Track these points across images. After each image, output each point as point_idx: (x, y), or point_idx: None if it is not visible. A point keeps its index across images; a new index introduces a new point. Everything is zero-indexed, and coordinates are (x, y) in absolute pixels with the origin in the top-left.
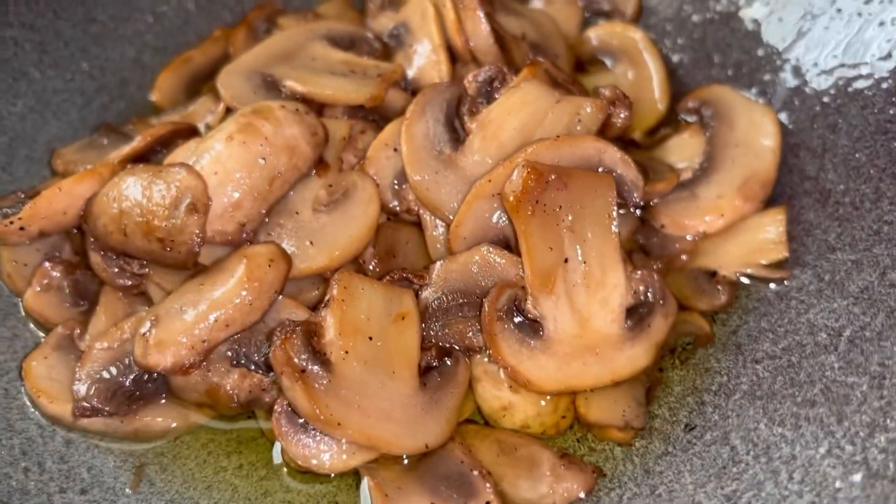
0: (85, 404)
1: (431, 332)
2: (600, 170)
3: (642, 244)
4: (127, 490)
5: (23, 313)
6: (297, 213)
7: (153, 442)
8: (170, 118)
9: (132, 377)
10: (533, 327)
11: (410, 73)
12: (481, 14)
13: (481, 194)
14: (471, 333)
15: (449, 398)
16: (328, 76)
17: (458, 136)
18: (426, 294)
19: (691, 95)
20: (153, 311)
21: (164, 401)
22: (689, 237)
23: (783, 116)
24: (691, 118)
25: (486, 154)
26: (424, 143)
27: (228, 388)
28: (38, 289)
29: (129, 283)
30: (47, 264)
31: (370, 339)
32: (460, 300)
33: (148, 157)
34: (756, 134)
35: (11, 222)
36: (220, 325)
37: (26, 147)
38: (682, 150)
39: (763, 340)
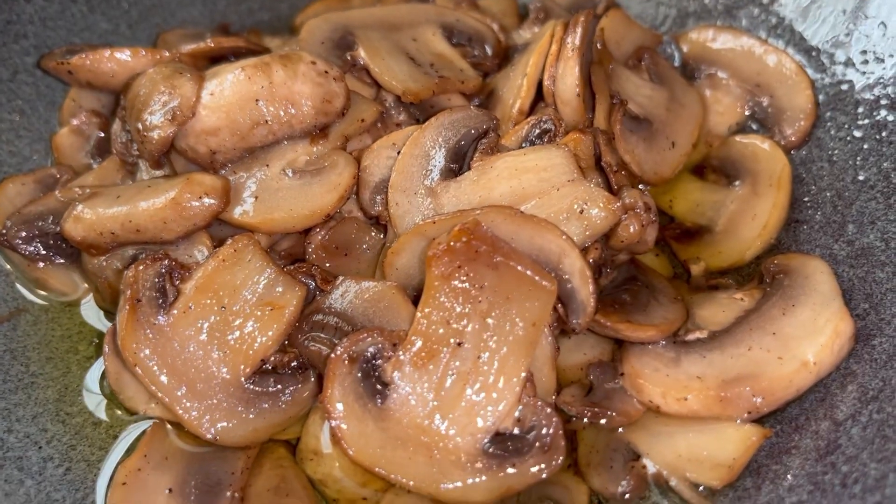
0: (5, 235)
1: (298, 340)
2: (553, 273)
3: (591, 377)
4: None
5: None
6: (267, 165)
7: (47, 295)
8: (271, 41)
9: (53, 234)
10: (378, 391)
11: (498, 92)
12: (575, 62)
13: (421, 232)
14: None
15: (272, 410)
16: (402, 61)
17: (456, 169)
18: (317, 303)
19: (781, 256)
20: (98, 188)
21: (69, 269)
22: (638, 403)
23: None
24: (765, 281)
25: (468, 199)
26: (421, 163)
27: (119, 286)
28: (70, 129)
29: (129, 159)
30: (87, 113)
31: (222, 307)
32: (342, 325)
33: (218, 61)
34: (804, 336)
35: (62, 63)
36: (132, 227)
37: (159, 17)
38: (720, 311)
39: None
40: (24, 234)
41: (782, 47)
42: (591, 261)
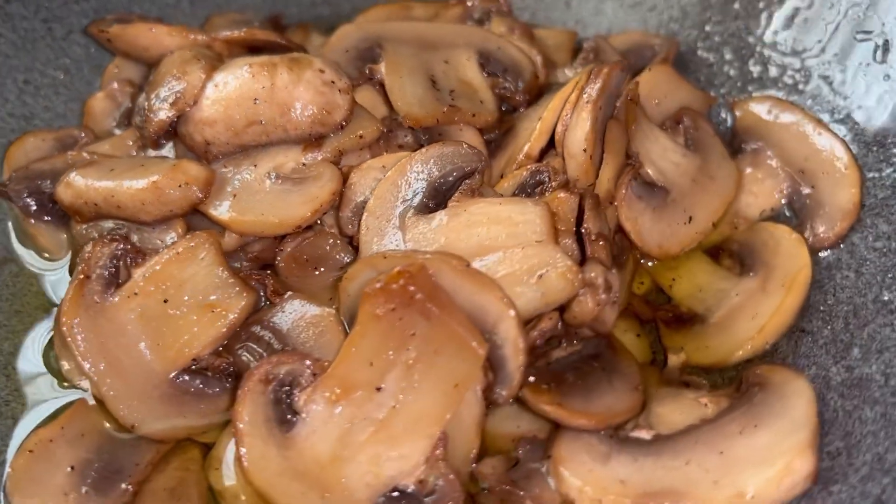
0: (6, 186)
1: (233, 347)
2: (487, 336)
3: (520, 452)
4: None
5: None
6: (255, 165)
7: (34, 250)
8: (316, 39)
9: (49, 194)
10: (287, 418)
11: (516, 130)
12: (589, 114)
13: (372, 264)
14: None
15: (193, 410)
16: (420, 82)
17: (432, 207)
18: (260, 314)
19: (766, 367)
20: (102, 157)
21: (58, 230)
22: (556, 492)
23: None
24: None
25: (432, 239)
26: (400, 192)
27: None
28: (105, 94)
29: (145, 133)
30: (123, 81)
31: (165, 301)
32: (273, 342)
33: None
34: (753, 463)
35: (102, 31)
36: (114, 203)
37: None
38: (678, 412)
39: None
40: (23, 188)
41: (841, 134)
42: (542, 330)
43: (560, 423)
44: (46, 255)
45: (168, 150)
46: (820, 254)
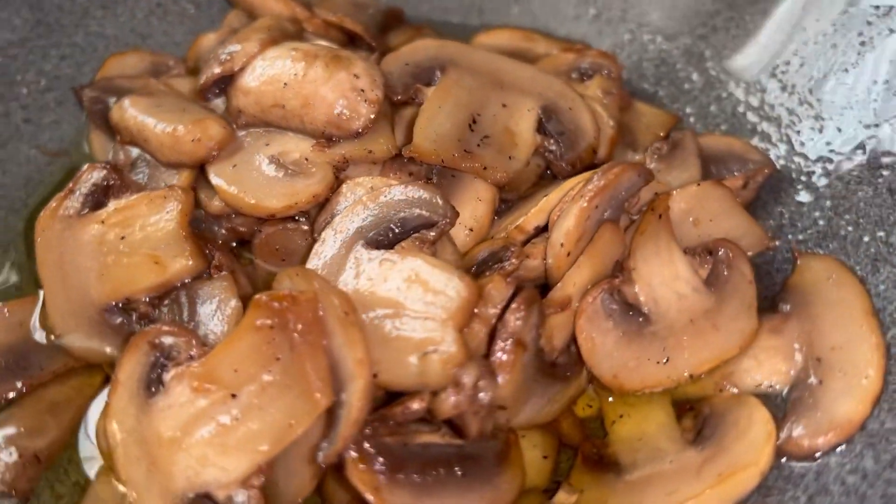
0: (82, 89)
1: (160, 303)
2: (336, 392)
3: None
4: None
5: None
6: (267, 145)
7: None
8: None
9: (107, 109)
10: (154, 385)
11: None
12: (581, 210)
13: (289, 276)
14: None
15: (110, 342)
16: (453, 119)
17: (382, 244)
18: (192, 283)
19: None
20: (161, 92)
21: (109, 141)
22: None
23: None
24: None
25: (357, 277)
26: (363, 217)
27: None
28: (216, 34)
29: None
30: (231, 29)
31: (122, 238)
32: (185, 312)
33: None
34: None
35: None
36: (142, 136)
37: None
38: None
39: None
40: (96, 96)
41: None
42: (407, 408)
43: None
44: (97, 159)
45: (221, 104)
46: (785, 459)
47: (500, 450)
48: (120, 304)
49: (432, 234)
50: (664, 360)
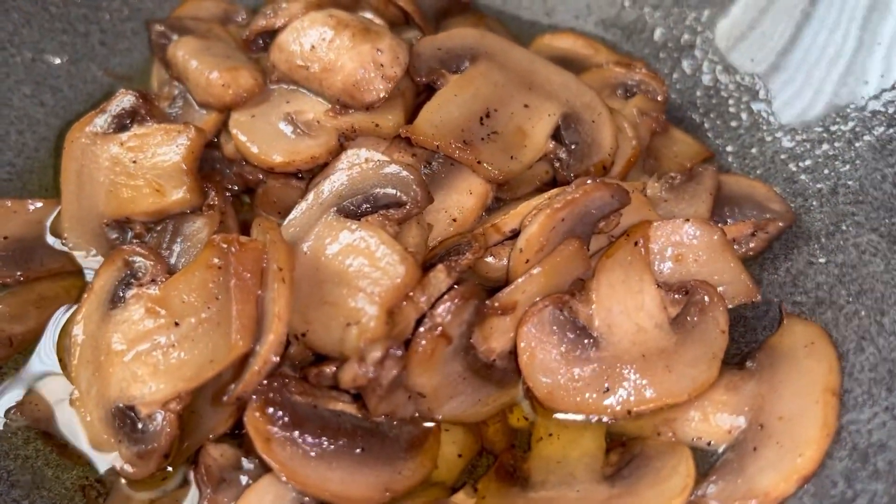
0: (153, 24)
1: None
2: (254, 342)
3: None
4: None
5: None
6: (287, 101)
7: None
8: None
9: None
10: (117, 298)
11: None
12: (546, 219)
13: (260, 225)
14: None
15: (104, 251)
16: (465, 109)
17: (352, 214)
18: (182, 216)
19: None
20: (217, 36)
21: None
22: None
23: None
24: None
25: (319, 238)
26: (345, 184)
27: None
28: None
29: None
30: None
31: (134, 161)
32: (166, 238)
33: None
34: None
35: None
36: (185, 75)
37: None
38: None
39: None
40: (163, 31)
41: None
42: (320, 371)
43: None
44: (152, 88)
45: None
46: None
47: (415, 437)
48: (119, 221)
49: (399, 212)
50: (604, 389)
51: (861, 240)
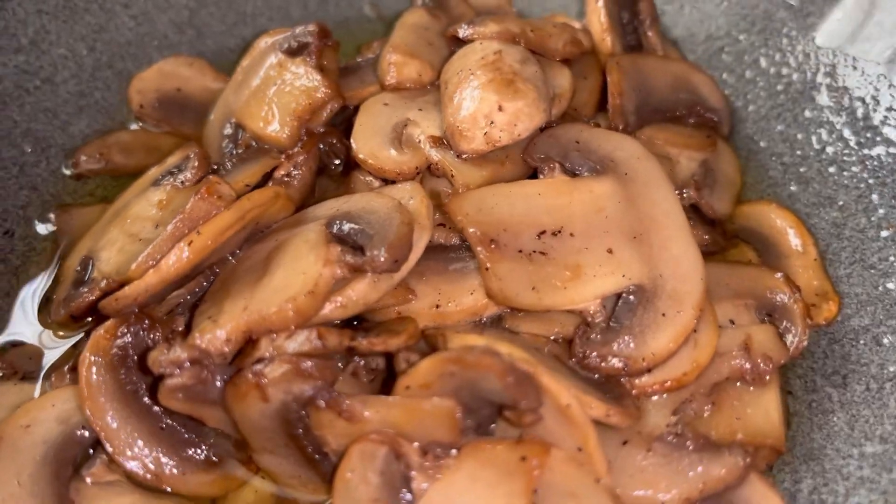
0: None
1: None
2: None
3: None
4: None
5: None
6: (420, 109)
7: None
8: None
9: None
10: None
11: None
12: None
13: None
14: None
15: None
16: (526, 220)
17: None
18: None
19: None
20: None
21: None
22: None
23: None
24: None
25: None
26: (325, 216)
27: None
28: None
29: None
30: None
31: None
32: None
33: None
34: None
35: None
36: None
37: None
38: None
39: None
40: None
41: None
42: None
43: None
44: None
45: None
46: None
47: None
48: (239, 125)
49: (355, 259)
50: None
51: None
